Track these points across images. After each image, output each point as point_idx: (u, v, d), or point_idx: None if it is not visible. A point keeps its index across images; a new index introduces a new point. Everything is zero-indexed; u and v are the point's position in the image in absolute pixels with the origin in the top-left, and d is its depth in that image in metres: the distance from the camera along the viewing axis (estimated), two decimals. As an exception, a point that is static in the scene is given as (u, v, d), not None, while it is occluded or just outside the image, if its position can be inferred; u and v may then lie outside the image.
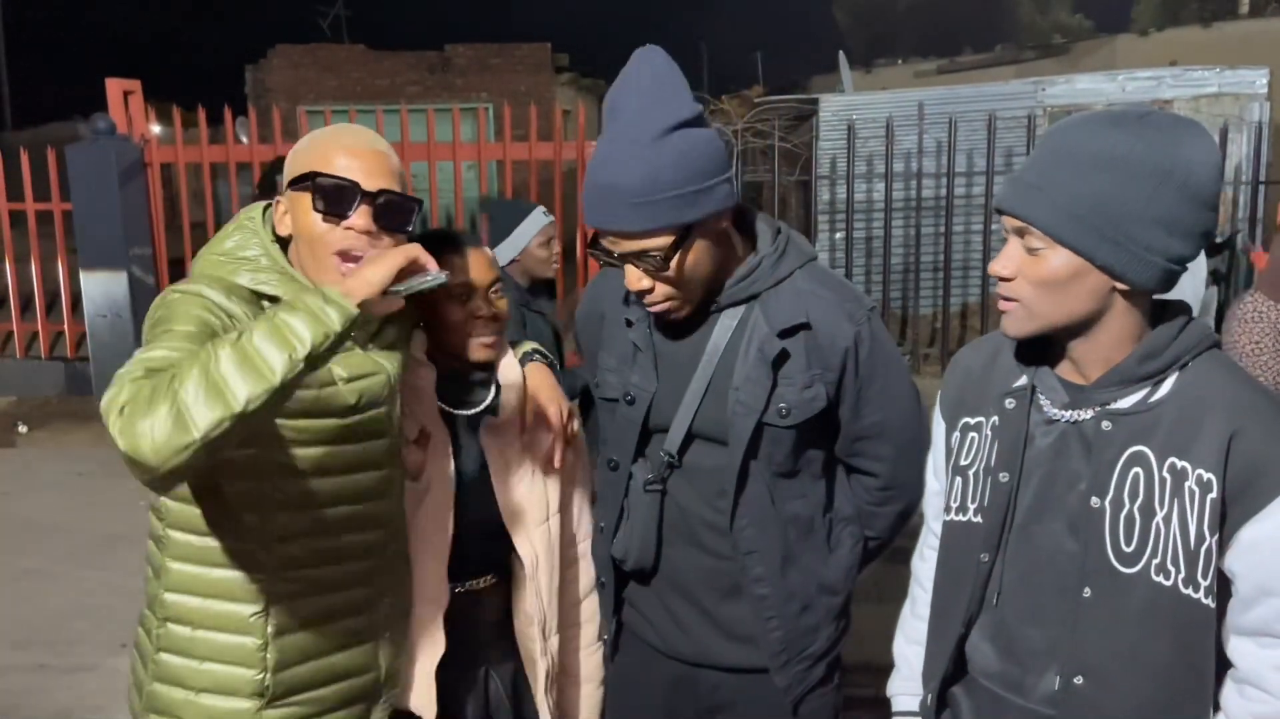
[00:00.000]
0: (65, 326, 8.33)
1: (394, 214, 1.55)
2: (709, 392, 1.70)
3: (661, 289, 1.62)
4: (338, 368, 1.56)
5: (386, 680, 1.74)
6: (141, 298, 7.53)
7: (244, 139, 8.19)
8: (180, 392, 1.23)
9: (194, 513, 1.54)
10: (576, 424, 1.96)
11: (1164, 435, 1.30)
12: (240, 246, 1.57)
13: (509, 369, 1.90)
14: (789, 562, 1.76)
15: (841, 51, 11.92)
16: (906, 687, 1.65)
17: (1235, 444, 1.26)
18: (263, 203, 1.64)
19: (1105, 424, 1.34)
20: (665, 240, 1.56)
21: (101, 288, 7.65)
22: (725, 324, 1.70)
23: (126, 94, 7.88)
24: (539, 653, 1.91)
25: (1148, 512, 1.30)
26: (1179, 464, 1.29)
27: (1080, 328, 1.34)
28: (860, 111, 8.41)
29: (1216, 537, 1.28)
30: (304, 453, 1.55)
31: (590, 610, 2.02)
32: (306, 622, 1.60)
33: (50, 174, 8.05)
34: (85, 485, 6.05)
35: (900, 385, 1.76)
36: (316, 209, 1.51)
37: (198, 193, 8.67)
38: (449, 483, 1.82)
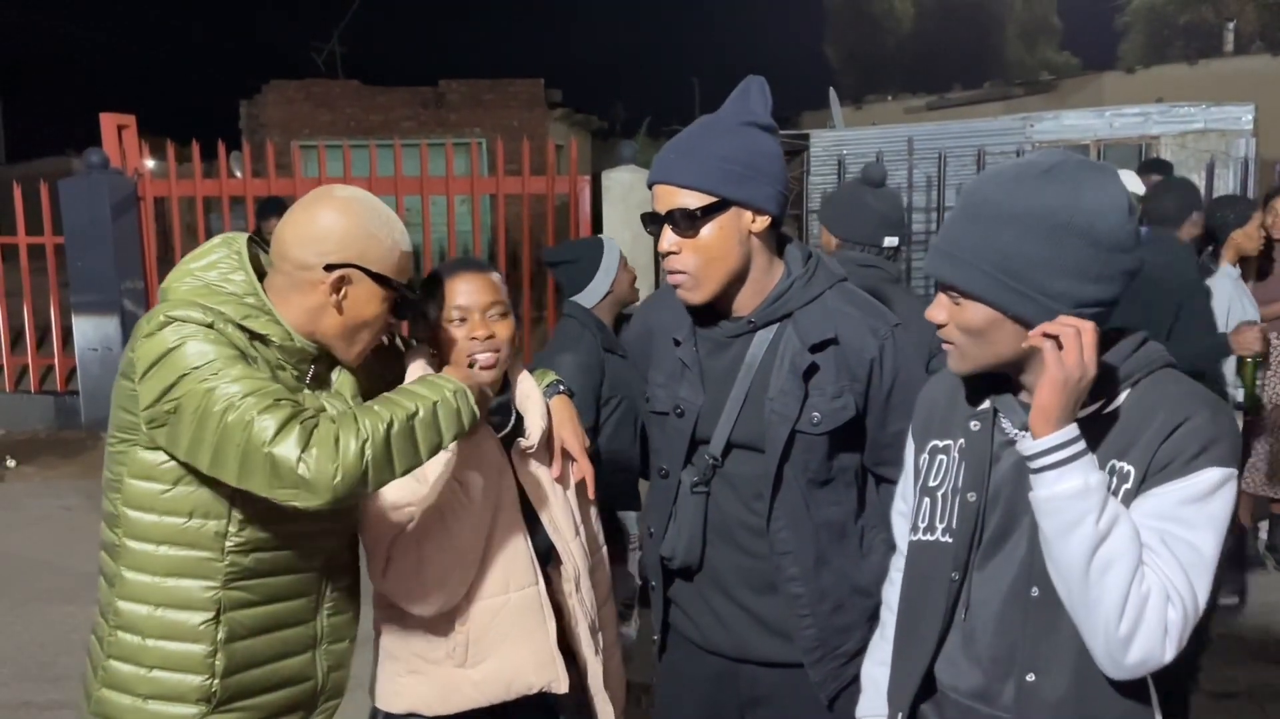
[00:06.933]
0: (55, 360, 8.31)
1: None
2: (747, 402, 1.83)
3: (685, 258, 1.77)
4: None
5: (324, 690, 1.80)
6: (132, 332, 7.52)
7: (238, 173, 8.21)
8: (368, 452, 1.49)
9: (152, 521, 1.59)
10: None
11: (1109, 441, 1.35)
12: (224, 278, 1.61)
13: (528, 397, 1.99)
14: (821, 562, 1.85)
15: (832, 88, 12.02)
16: (873, 709, 1.67)
17: (1172, 433, 1.30)
18: (245, 234, 1.70)
19: None
20: (701, 199, 1.72)
21: (92, 322, 7.64)
22: (761, 340, 1.83)
23: (121, 128, 7.92)
24: (595, 651, 2.01)
25: None
26: (1120, 466, 1.33)
27: (1018, 364, 1.39)
28: (851, 147, 8.47)
29: None
30: None
31: (609, 617, 2.13)
32: (254, 629, 1.66)
33: (43, 208, 8.07)
34: (72, 520, 6.01)
35: None
36: (393, 311, 1.72)
37: (191, 227, 8.69)
38: (514, 492, 1.93)
